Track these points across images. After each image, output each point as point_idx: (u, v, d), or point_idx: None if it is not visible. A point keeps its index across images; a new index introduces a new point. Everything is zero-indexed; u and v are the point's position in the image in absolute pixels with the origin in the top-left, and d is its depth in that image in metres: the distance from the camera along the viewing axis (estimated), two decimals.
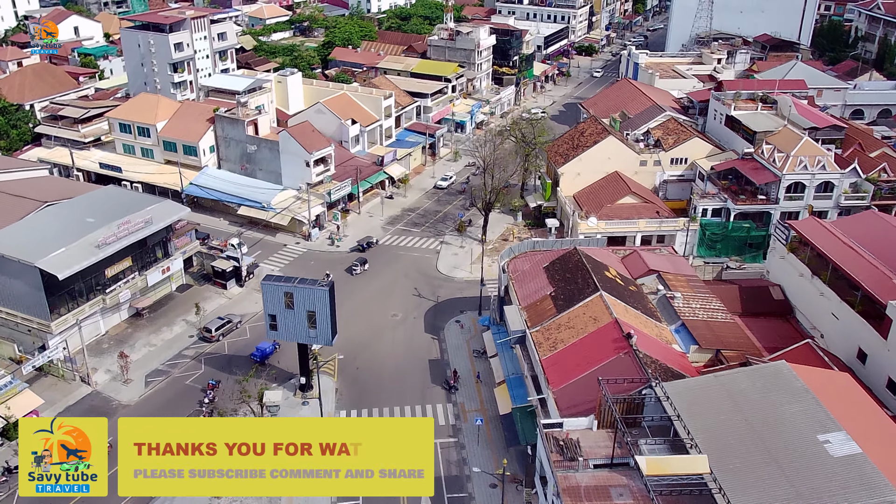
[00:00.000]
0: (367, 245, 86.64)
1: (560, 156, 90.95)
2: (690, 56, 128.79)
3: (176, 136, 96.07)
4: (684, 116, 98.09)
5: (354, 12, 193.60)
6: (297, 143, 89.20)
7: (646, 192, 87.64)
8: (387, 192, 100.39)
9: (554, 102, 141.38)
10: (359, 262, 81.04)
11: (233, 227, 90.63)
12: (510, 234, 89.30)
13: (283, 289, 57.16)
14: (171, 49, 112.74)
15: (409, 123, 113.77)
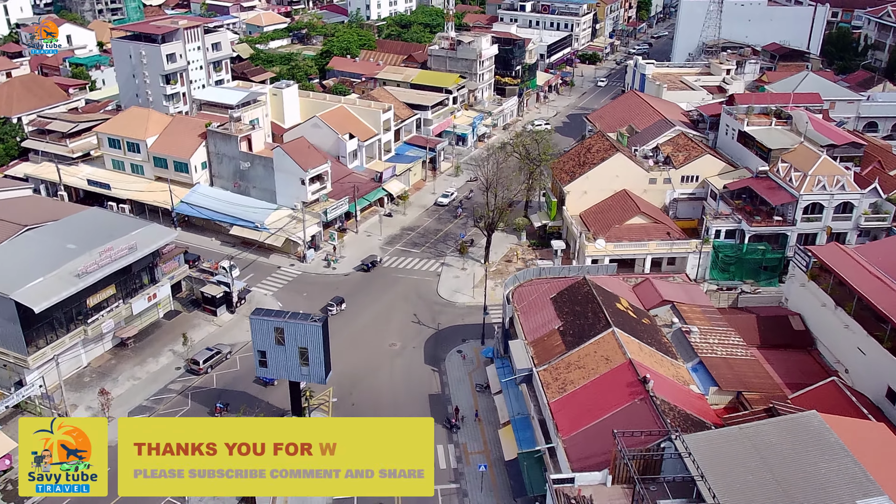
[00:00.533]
0: (370, 265, 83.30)
1: (566, 173, 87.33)
2: (698, 66, 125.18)
3: (166, 152, 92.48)
4: (694, 131, 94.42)
5: (354, 20, 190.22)
6: (292, 161, 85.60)
7: (655, 211, 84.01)
8: (385, 210, 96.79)
9: (557, 113, 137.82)
10: (335, 303, 74.22)
11: (225, 247, 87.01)
12: (514, 255, 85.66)
13: (272, 324, 53.45)
14: (163, 60, 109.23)
15: (409, 137, 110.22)
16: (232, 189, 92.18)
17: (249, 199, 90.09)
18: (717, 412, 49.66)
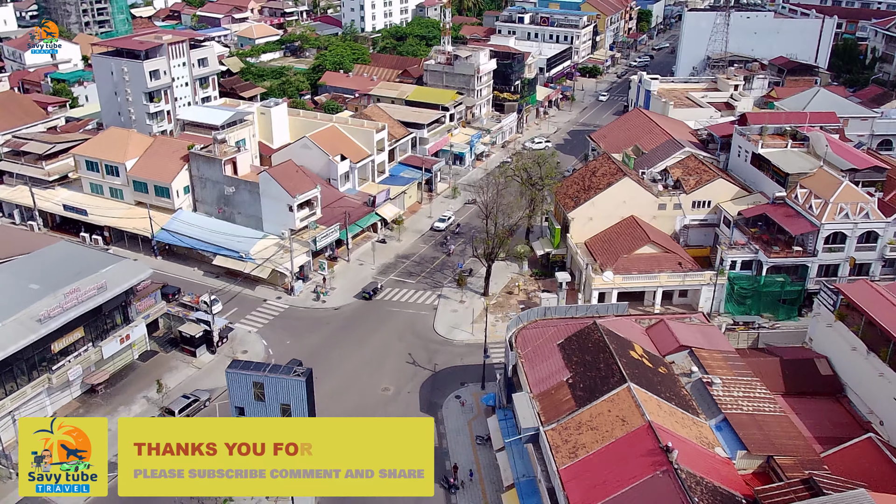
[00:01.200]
0: (371, 293, 78.87)
1: (570, 198, 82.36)
2: (704, 82, 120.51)
3: (147, 176, 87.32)
4: (704, 152, 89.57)
5: (348, 31, 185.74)
6: (279, 186, 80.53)
7: (666, 239, 79.02)
8: (379, 236, 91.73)
9: (558, 129, 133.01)
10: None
11: (208, 277, 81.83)
12: (515, 286, 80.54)
13: (251, 378, 48.37)
14: (145, 77, 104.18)
15: (404, 157, 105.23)
16: (216, 215, 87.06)
17: (234, 226, 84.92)
18: (746, 478, 44.55)
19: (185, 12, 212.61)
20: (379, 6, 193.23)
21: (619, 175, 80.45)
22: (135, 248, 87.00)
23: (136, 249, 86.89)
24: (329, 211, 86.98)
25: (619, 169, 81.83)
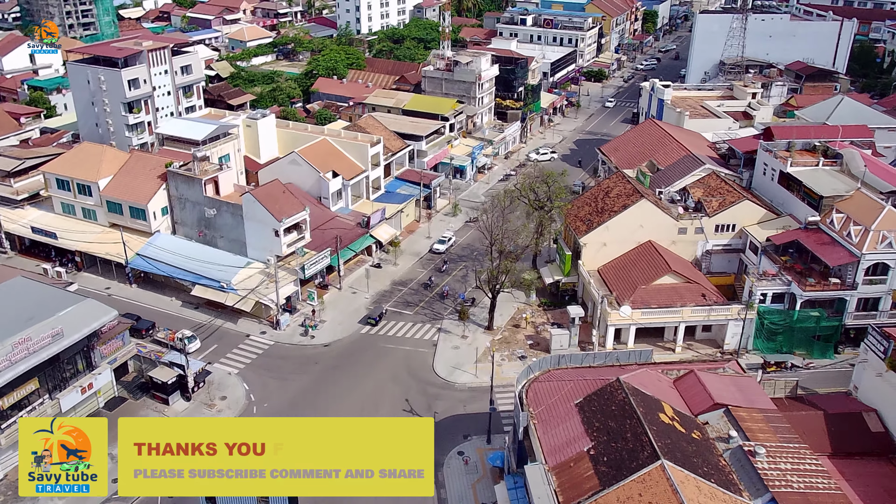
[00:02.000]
0: (377, 318, 73.39)
1: (581, 221, 75.50)
2: (719, 89, 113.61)
3: (121, 196, 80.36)
4: (726, 169, 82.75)
5: (343, 33, 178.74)
6: (264, 209, 73.61)
7: (687, 267, 72.20)
8: (374, 260, 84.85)
9: (563, 139, 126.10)
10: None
11: (186, 309, 74.98)
12: (522, 318, 73.65)
13: None
14: (124, 86, 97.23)
15: (401, 171, 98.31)
16: (196, 238, 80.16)
17: (216, 251, 78.03)
18: None
19: (174, 13, 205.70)
20: (375, 7, 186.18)
21: (635, 197, 73.58)
22: (108, 274, 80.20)
23: (109, 276, 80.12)
24: (319, 234, 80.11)
25: (634, 189, 74.96)
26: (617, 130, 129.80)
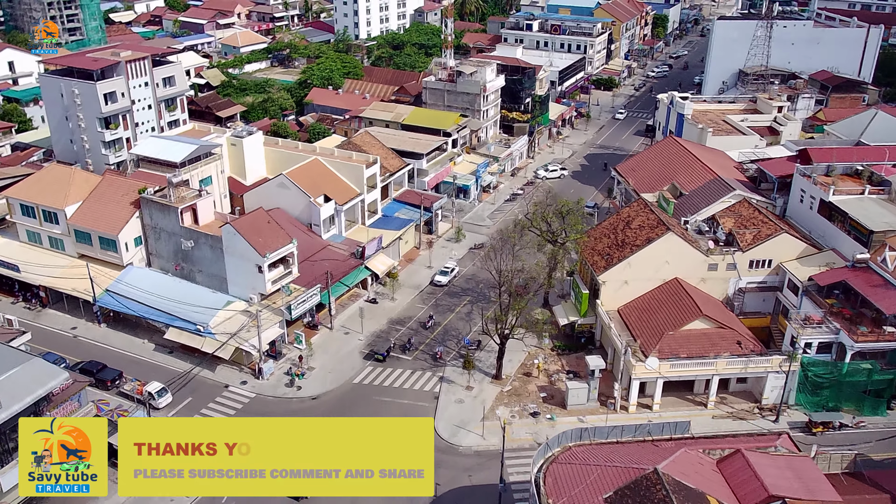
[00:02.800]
0: (386, 353, 67.18)
1: (599, 255, 67.77)
2: (741, 101, 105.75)
3: (90, 226, 72.78)
4: (758, 195, 74.98)
5: (341, 38, 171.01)
6: (246, 242, 65.99)
7: (719, 310, 64.48)
8: (369, 294, 77.21)
9: (573, 153, 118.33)
10: None
11: (160, 353, 67.49)
12: (534, 364, 65.94)
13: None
14: (99, 100, 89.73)
15: (400, 192, 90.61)
16: (173, 272, 72.61)
17: (194, 287, 70.49)
18: None
19: (166, 17, 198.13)
20: (374, 12, 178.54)
21: (660, 229, 65.82)
22: (75, 311, 72.71)
23: (76, 313, 72.63)
24: (309, 266, 72.53)
25: (659, 220, 67.18)
26: (630, 144, 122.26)
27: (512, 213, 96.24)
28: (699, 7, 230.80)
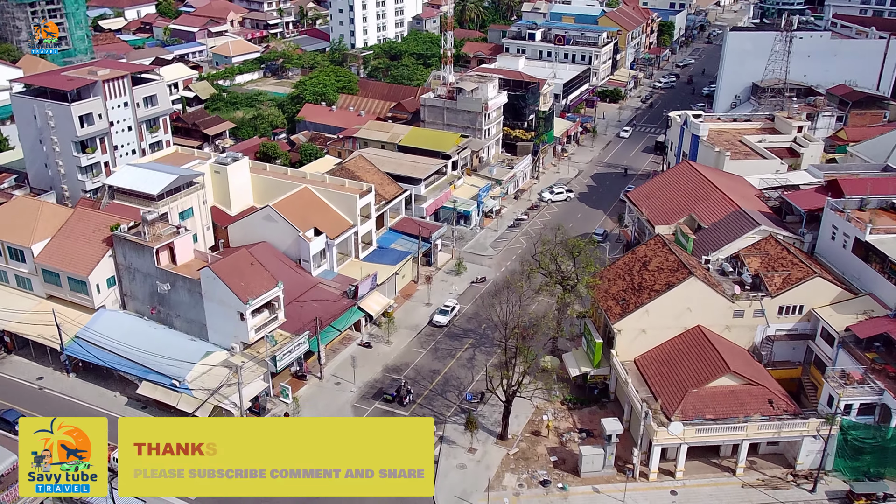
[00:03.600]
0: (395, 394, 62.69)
1: (614, 300, 61.90)
2: (758, 119, 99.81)
3: (59, 265, 66.87)
4: (784, 231, 69.11)
5: (336, 48, 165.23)
6: (226, 287, 60.11)
7: (747, 362, 58.63)
8: (362, 337, 71.33)
9: (580, 173, 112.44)
10: None
11: (132, 408, 61.57)
12: (543, 421, 60.09)
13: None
14: (75, 123, 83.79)
15: (396, 221, 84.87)
16: (149, 316, 66.75)
17: (171, 334, 64.80)
18: None
19: (157, 24, 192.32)
20: (371, 20, 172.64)
21: (682, 273, 59.93)
22: (42, 358, 66.93)
23: (44, 360, 66.87)
24: (297, 308, 66.69)
25: (679, 262, 61.29)
26: (639, 162, 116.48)
27: (516, 241, 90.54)
28: (705, 13, 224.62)
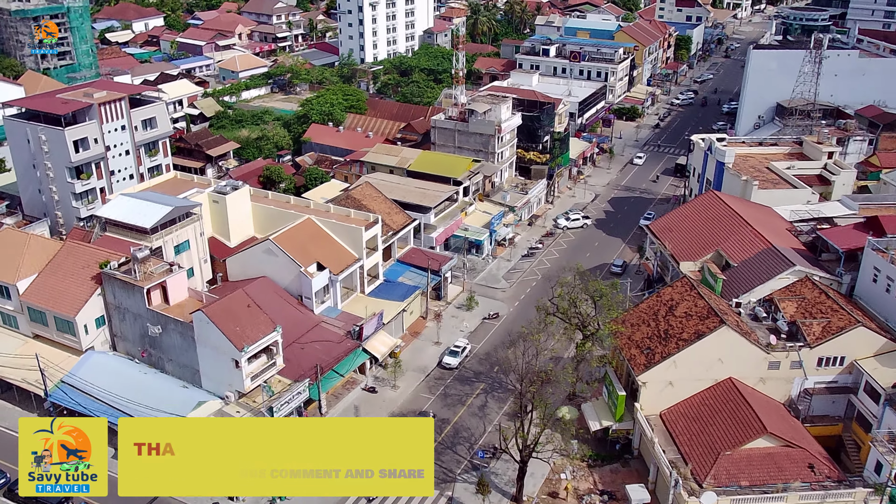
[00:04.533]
0: None
1: (638, 349, 57.26)
2: (785, 143, 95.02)
3: (45, 304, 62.87)
4: (820, 271, 64.28)
5: (345, 62, 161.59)
6: (220, 333, 55.89)
7: (783, 420, 53.84)
8: (366, 381, 66.95)
9: (596, 197, 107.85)
10: None
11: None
12: (560, 481, 55.42)
13: None
14: (69, 148, 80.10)
15: (404, 252, 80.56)
16: (139, 359, 62.63)
17: (162, 378, 60.77)
18: None
19: (164, 38, 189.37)
20: (381, 33, 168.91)
21: (712, 321, 55.22)
22: (27, 402, 62.86)
23: (28, 405, 62.81)
24: (297, 351, 62.45)
25: (709, 308, 56.57)
26: (659, 186, 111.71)
27: (530, 273, 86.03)
28: (722, 26, 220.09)
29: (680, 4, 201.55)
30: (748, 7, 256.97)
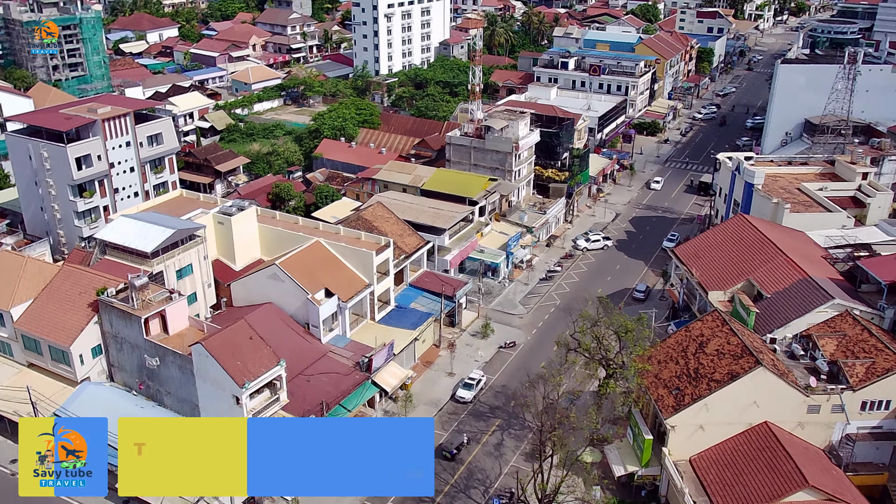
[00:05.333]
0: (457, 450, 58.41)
1: (666, 389, 53.37)
2: (817, 163, 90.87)
3: (39, 332, 59.91)
4: (860, 304, 60.17)
5: (359, 74, 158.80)
6: (220, 368, 52.60)
7: (825, 470, 49.69)
8: (376, 415, 63.30)
9: (617, 216, 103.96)
10: None
11: (112, 502, 53.99)
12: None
13: None
14: (71, 165, 77.44)
15: (417, 276, 77.14)
16: (137, 391, 59.48)
17: (160, 413, 57.21)
18: None
19: (178, 48, 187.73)
20: (397, 45, 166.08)
21: (747, 361, 51.28)
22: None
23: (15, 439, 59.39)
24: (302, 383, 59.13)
25: (744, 347, 52.62)
26: (681, 204, 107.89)
27: (549, 297, 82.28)
28: (744, 37, 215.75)
29: (701, 16, 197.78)
30: (770, 18, 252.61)
